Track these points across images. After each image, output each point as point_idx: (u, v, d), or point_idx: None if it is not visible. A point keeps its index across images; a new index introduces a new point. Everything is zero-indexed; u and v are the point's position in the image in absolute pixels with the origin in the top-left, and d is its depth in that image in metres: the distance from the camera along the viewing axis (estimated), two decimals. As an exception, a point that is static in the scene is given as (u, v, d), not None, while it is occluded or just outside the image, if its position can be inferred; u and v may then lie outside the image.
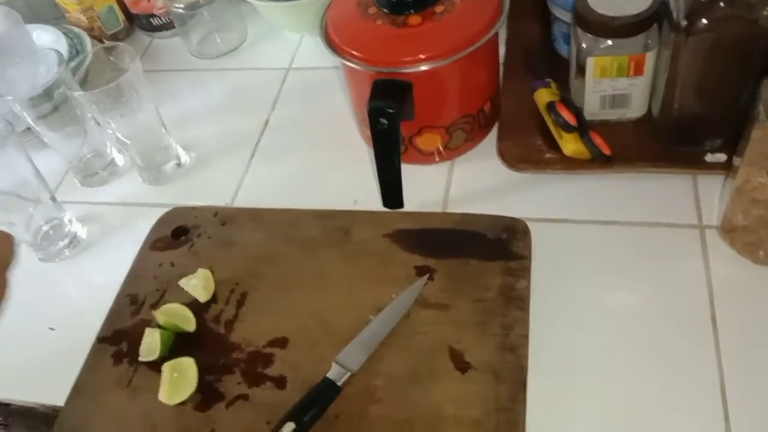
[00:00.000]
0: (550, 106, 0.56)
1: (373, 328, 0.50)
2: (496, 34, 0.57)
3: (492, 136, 0.63)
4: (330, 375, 0.48)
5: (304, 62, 0.79)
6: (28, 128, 0.67)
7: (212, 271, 0.58)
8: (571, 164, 0.57)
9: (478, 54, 0.55)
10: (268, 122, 0.73)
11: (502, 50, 0.67)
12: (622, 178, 0.57)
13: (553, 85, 0.60)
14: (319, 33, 0.59)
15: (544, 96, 0.59)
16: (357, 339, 0.50)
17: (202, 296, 0.56)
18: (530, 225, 0.55)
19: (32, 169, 0.61)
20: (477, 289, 0.52)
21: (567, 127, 0.56)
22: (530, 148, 0.59)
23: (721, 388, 0.46)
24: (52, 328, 0.60)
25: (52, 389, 0.54)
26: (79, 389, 0.53)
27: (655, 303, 0.51)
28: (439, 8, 0.56)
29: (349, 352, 0.49)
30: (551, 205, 0.58)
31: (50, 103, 0.65)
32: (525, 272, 0.52)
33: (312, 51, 0.79)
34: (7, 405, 0.56)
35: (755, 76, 0.50)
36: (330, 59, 0.58)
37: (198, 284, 0.56)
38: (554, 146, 0.58)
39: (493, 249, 0.54)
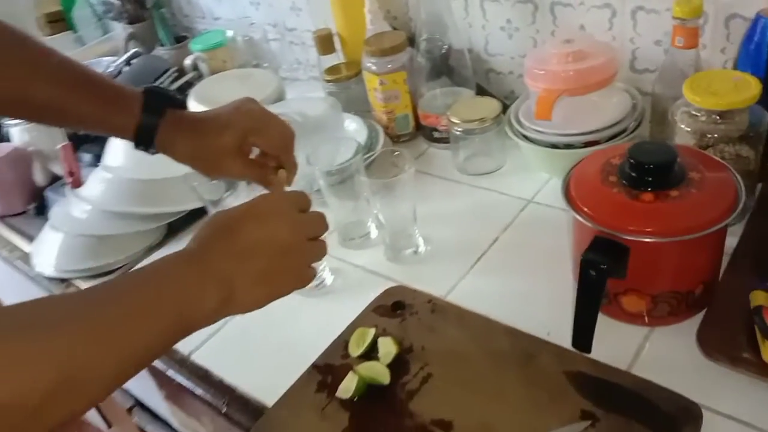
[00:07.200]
0: (757, 310, 0.58)
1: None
2: (724, 228, 0.61)
3: (697, 318, 0.65)
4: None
5: (545, 199, 0.89)
6: (319, 190, 0.87)
7: (412, 347, 0.69)
8: (767, 372, 0.57)
9: (700, 241, 0.59)
10: (498, 239, 0.84)
11: (732, 241, 0.69)
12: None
13: (773, 291, 0.61)
14: (561, 183, 0.69)
15: (759, 298, 0.60)
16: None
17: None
18: (706, 414, 0.56)
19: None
20: (633, 452, 0.55)
21: (770, 335, 0.57)
22: (730, 342, 0.60)
23: None
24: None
25: (266, 391, 0.70)
26: (282, 402, 0.67)
27: None
28: (674, 193, 0.61)
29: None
30: (735, 404, 0.58)
31: (339, 176, 0.84)
32: (685, 455, 0.54)
33: (555, 192, 0.87)
34: (233, 390, 0.73)
35: None
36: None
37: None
38: (756, 347, 0.58)
39: (661, 423, 0.56)
